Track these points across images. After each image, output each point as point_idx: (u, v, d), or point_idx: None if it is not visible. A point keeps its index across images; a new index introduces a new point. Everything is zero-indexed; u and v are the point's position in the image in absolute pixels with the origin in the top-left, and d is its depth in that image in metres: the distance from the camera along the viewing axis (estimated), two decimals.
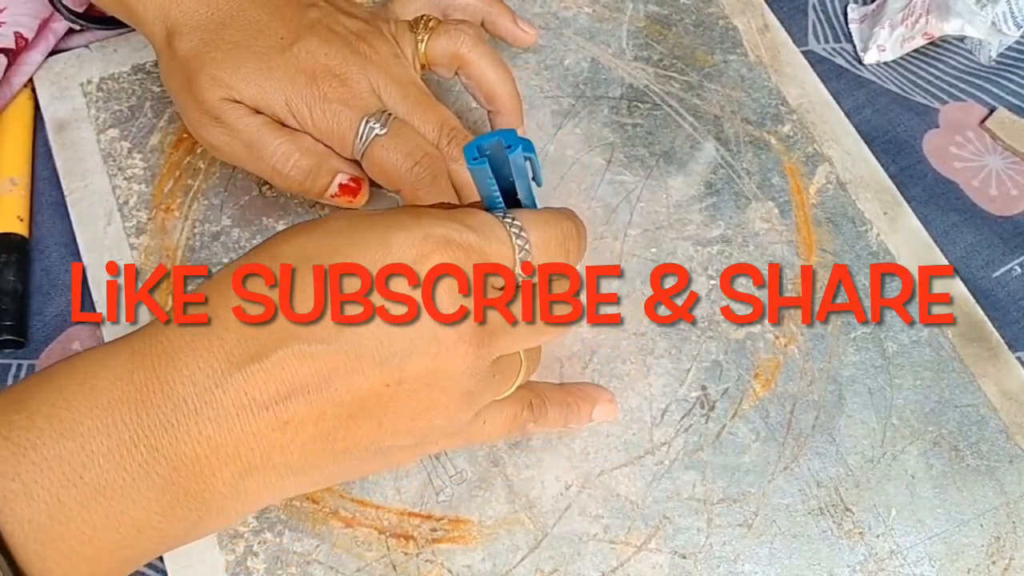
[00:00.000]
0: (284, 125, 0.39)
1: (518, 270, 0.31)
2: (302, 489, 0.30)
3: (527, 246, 0.31)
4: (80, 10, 0.47)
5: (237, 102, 0.38)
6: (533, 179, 0.32)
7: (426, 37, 0.40)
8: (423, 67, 0.41)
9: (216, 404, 0.27)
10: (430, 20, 0.41)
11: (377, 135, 0.37)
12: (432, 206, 0.35)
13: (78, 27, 0.48)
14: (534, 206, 0.34)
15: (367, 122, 0.37)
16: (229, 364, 0.27)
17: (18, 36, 0.46)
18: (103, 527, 0.26)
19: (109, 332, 0.41)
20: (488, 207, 0.32)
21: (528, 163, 0.31)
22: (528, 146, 0.30)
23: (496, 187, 0.31)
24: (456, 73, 0.41)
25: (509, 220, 0.31)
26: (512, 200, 0.33)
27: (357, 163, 0.39)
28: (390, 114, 0.37)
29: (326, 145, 0.39)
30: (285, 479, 0.29)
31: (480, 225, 0.30)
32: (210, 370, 0.27)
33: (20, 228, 0.44)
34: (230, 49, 0.38)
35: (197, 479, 0.27)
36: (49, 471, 0.25)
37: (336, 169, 0.39)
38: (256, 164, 0.39)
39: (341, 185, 0.40)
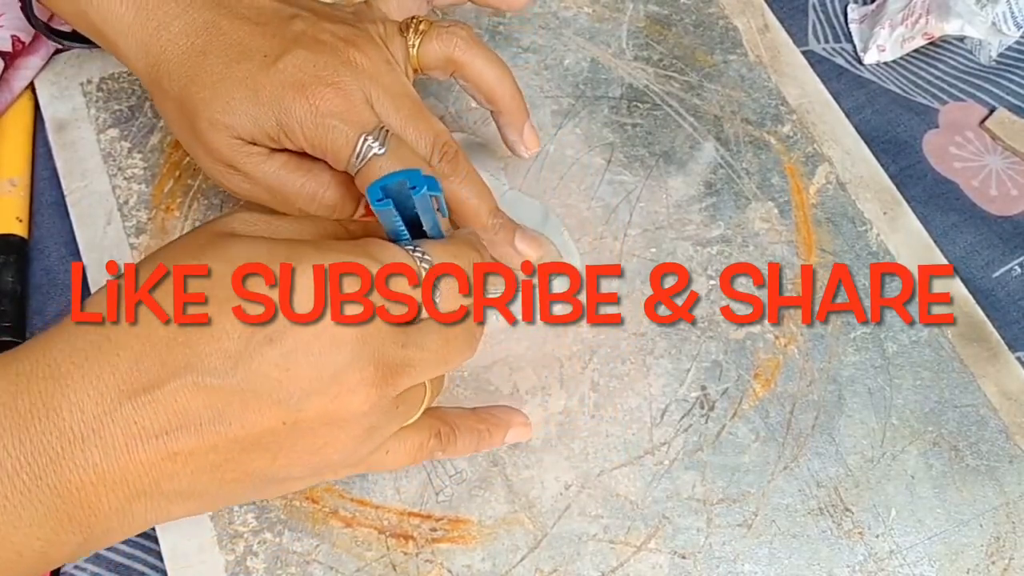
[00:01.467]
0: (286, 151, 0.37)
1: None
2: (192, 512, 0.30)
3: (430, 278, 0.30)
4: (68, 29, 0.46)
5: (246, 142, 0.36)
6: (438, 209, 0.32)
7: (417, 42, 0.39)
8: (416, 72, 0.40)
9: (104, 433, 0.26)
10: (420, 23, 0.39)
11: (376, 155, 0.35)
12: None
13: (60, 46, 0.47)
14: (440, 237, 0.33)
15: (365, 140, 0.35)
16: (120, 393, 0.26)
17: (15, 40, 0.46)
18: None
19: None
20: (394, 241, 0.32)
21: (434, 199, 0.31)
22: (433, 185, 0.29)
23: (402, 224, 0.31)
24: (452, 75, 0.40)
25: (419, 254, 0.31)
26: (418, 231, 0.33)
27: None
28: (387, 132, 0.36)
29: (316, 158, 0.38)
30: (174, 504, 0.28)
31: (388, 259, 0.30)
32: (100, 398, 0.26)
33: (19, 229, 0.44)
34: (215, 83, 0.36)
35: (82, 505, 0.26)
36: None
37: (360, 194, 0.38)
38: (282, 206, 0.38)
39: (367, 206, 0.39)
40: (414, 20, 0.39)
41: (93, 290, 0.42)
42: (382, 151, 0.35)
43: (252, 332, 0.27)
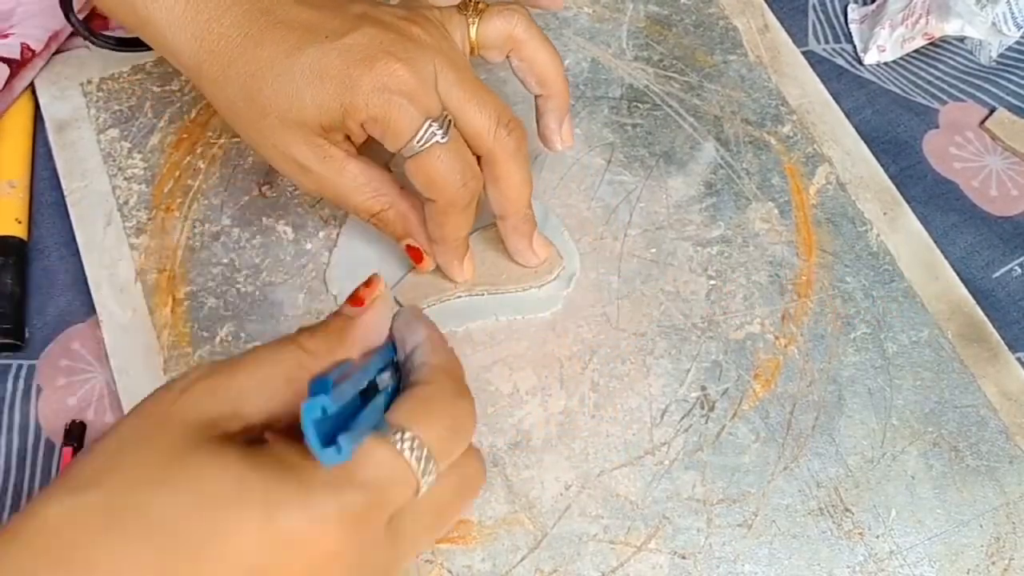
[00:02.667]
0: (359, 161, 0.37)
1: (423, 485, 0.27)
2: None
3: (430, 466, 0.27)
4: (115, 34, 0.46)
5: (318, 138, 0.36)
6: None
7: (477, 20, 0.38)
8: (471, 51, 0.39)
9: None
10: (479, 2, 0.38)
11: (438, 142, 0.35)
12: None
13: (110, 48, 0.46)
14: (397, 386, 0.30)
15: (430, 125, 0.35)
16: None
17: (24, 47, 0.46)
18: None
19: (108, 332, 0.41)
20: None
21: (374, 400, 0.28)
22: (322, 387, 0.26)
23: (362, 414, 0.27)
24: (508, 56, 0.39)
25: (398, 439, 0.27)
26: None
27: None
28: (451, 121, 0.36)
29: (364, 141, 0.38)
30: None
31: (375, 475, 0.26)
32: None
33: (18, 231, 0.44)
34: (278, 76, 0.35)
35: None
36: None
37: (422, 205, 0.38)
38: (343, 208, 0.39)
39: (410, 247, 0.40)
40: (471, 1, 0.39)
41: (92, 290, 0.42)
42: (444, 140, 0.35)
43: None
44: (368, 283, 0.31)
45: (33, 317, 0.43)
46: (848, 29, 0.52)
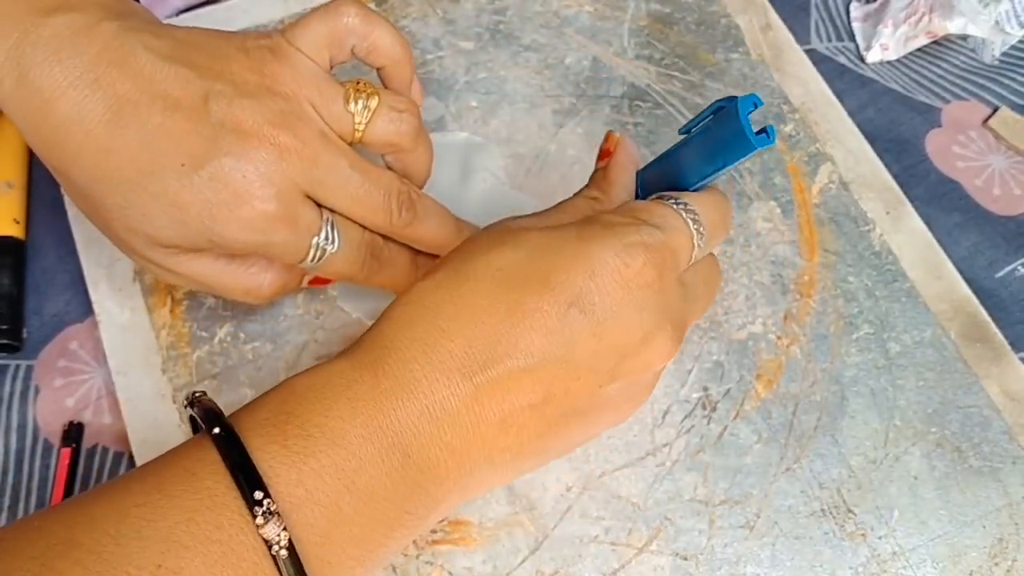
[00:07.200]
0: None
1: (696, 246, 0.32)
2: (499, 483, 0.31)
3: (702, 230, 0.32)
4: None
5: (169, 247, 0.34)
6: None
7: (364, 121, 0.35)
8: (352, 144, 0.36)
9: (453, 413, 0.28)
10: (369, 94, 0.35)
11: (331, 253, 0.35)
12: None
13: None
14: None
15: (316, 243, 0.34)
16: (461, 376, 0.28)
17: None
18: (369, 528, 0.27)
19: (106, 332, 0.41)
20: (681, 186, 0.33)
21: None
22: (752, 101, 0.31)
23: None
24: (384, 155, 0.37)
25: (682, 207, 0.32)
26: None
27: None
28: (334, 224, 0.34)
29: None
30: (495, 475, 0.30)
31: (661, 221, 0.31)
32: (447, 380, 0.28)
33: (16, 231, 0.44)
34: (127, 191, 0.32)
35: (435, 480, 0.28)
36: (328, 478, 0.26)
37: (301, 274, 0.38)
38: (222, 294, 0.37)
39: (310, 281, 0.39)
40: (360, 88, 0.35)
41: (90, 289, 0.42)
42: (335, 248, 0.35)
43: (567, 308, 0.28)
44: (606, 139, 0.36)
45: (31, 317, 0.43)
46: (851, 27, 0.52)
